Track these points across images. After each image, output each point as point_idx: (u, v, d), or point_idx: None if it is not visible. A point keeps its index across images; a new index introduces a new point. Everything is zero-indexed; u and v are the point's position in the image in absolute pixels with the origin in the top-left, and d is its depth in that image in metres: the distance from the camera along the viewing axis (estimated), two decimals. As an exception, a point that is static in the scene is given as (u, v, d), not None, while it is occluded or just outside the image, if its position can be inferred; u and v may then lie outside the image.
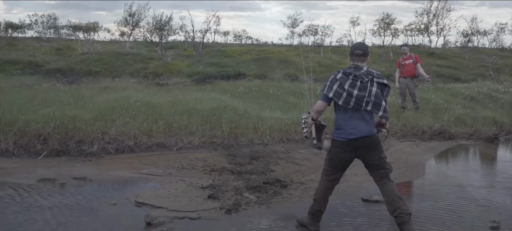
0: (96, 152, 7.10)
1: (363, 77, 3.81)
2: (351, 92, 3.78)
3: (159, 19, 32.82)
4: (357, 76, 3.80)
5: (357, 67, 3.87)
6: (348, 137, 3.84)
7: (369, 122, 3.90)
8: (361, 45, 4.00)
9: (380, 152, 3.93)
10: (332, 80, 3.85)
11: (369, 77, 3.83)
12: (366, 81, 3.81)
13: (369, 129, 3.87)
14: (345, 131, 3.86)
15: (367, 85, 3.80)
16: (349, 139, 3.84)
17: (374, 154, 3.89)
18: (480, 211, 4.78)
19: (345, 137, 3.85)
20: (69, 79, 20.76)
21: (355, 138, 3.83)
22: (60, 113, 8.51)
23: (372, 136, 3.88)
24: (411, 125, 9.45)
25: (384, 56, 36.08)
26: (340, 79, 3.82)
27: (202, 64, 27.75)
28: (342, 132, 3.88)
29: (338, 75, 3.85)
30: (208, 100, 11.52)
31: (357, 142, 3.84)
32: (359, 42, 4.06)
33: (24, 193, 5.24)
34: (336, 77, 3.85)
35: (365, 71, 3.85)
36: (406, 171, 6.52)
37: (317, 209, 4.10)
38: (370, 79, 3.83)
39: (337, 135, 3.92)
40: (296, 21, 52.34)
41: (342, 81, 3.81)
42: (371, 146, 3.88)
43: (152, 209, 4.75)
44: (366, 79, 3.81)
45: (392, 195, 3.86)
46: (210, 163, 6.67)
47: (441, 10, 40.81)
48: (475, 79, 23.01)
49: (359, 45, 3.99)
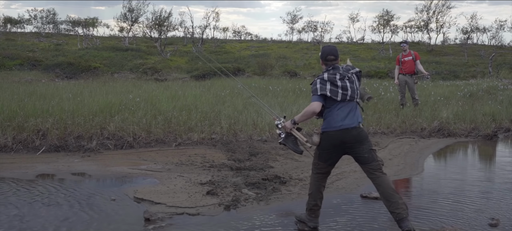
0: (95, 148, 7.10)
1: (346, 74, 3.99)
2: (345, 87, 3.94)
3: (159, 14, 32.77)
4: (341, 74, 3.98)
5: (336, 67, 4.04)
6: (340, 127, 3.92)
7: (356, 113, 4.02)
8: (333, 50, 4.10)
9: (370, 144, 4.00)
10: (321, 82, 3.97)
11: (351, 72, 4.04)
12: (350, 75, 4.01)
13: (357, 119, 3.99)
14: (336, 122, 3.94)
15: (353, 79, 4.02)
16: (340, 129, 3.91)
17: (363, 147, 3.95)
18: (479, 208, 4.79)
19: (337, 127, 3.92)
20: (68, 75, 20.71)
21: (346, 128, 3.91)
22: (59, 109, 8.50)
23: (360, 127, 3.99)
24: (410, 122, 9.45)
25: (383, 53, 36.09)
26: (329, 79, 3.95)
27: (201, 60, 27.71)
28: (332, 124, 3.95)
29: (325, 76, 3.99)
30: (207, 96, 11.51)
31: (348, 133, 3.91)
32: (329, 47, 4.17)
33: (22, 189, 5.24)
34: (324, 78, 3.97)
35: (345, 68, 4.07)
36: (405, 167, 6.52)
37: (313, 204, 4.13)
38: (352, 73, 4.04)
39: (327, 127, 3.98)
40: (295, 18, 52.43)
41: (332, 79, 3.95)
42: (360, 138, 3.95)
43: (151, 204, 4.75)
44: (349, 74, 4.00)
45: (387, 189, 3.88)
46: (209, 159, 6.67)
47: (441, 7, 40.87)
48: (474, 76, 23.01)
49: (331, 51, 4.09)
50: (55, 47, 31.54)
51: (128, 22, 36.07)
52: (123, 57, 26.37)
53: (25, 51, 26.86)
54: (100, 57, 25.94)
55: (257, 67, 24.20)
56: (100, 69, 22.23)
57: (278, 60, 28.34)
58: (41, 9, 48.45)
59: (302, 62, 28.95)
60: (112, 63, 24.18)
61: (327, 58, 4.06)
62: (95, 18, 48.55)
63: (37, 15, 49.71)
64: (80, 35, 42.06)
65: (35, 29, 50.01)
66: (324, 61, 4.08)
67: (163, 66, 23.87)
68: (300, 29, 53.79)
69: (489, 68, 24.02)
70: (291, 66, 25.89)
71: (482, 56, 33.55)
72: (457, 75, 23.82)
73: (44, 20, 50.03)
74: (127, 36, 38.10)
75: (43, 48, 30.63)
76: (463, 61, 30.90)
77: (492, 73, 22.93)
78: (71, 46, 33.92)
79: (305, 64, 27.84)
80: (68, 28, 50.64)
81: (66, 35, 47.07)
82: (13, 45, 30.52)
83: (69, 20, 49.23)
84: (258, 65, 24.55)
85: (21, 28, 50.48)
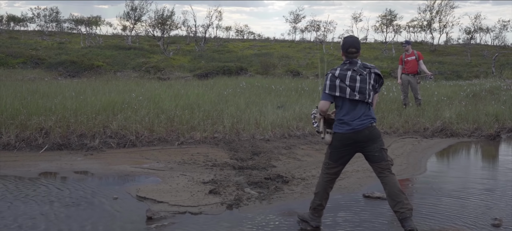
0: (97, 146, 7.11)
1: (361, 71, 3.88)
2: (354, 86, 3.84)
3: (161, 13, 32.82)
4: (355, 71, 3.87)
5: (353, 62, 3.92)
6: (351, 129, 3.86)
7: (370, 113, 3.94)
8: (355, 43, 3.95)
9: (381, 143, 3.95)
10: (331, 79, 3.89)
11: (367, 70, 3.91)
12: (365, 74, 3.89)
13: (370, 120, 3.91)
14: (348, 123, 3.88)
15: (367, 78, 3.88)
16: (352, 130, 3.86)
17: (375, 146, 3.91)
18: (482, 208, 4.77)
19: (349, 129, 3.87)
20: (70, 73, 20.75)
21: (358, 129, 3.86)
22: (61, 107, 8.51)
23: (373, 127, 3.92)
24: (413, 121, 9.44)
25: (386, 52, 36.03)
26: (339, 76, 3.87)
27: (204, 59, 27.74)
28: (345, 125, 3.90)
29: (336, 72, 3.89)
30: (209, 95, 11.51)
31: (360, 134, 3.87)
32: (351, 38, 4.00)
33: (25, 187, 5.25)
34: (335, 74, 3.89)
35: (361, 65, 3.93)
36: (407, 167, 6.51)
37: (318, 203, 4.11)
38: (368, 72, 3.91)
39: (339, 128, 3.93)
40: (298, 17, 52.41)
41: (342, 77, 3.86)
42: (372, 137, 3.90)
43: (153, 203, 4.75)
44: (365, 72, 3.89)
45: (393, 188, 3.86)
46: (212, 158, 6.67)
47: (444, 7, 40.78)
48: (477, 76, 22.96)
49: (353, 43, 3.94)
50: (58, 46, 31.63)
51: (131, 21, 36.15)
52: (125, 56, 26.41)
53: (28, 50, 26.94)
54: (103, 55, 25.99)
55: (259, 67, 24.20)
56: (102, 67, 22.28)
57: (280, 60, 28.35)
58: (44, 8, 48.60)
59: (305, 61, 28.95)
60: (115, 62, 24.23)
61: (348, 50, 3.91)
62: (98, 16, 48.72)
63: (40, 14, 49.85)
64: (83, 33, 42.14)
65: (38, 28, 50.15)
66: (345, 53, 3.94)
67: (166, 65, 23.90)
68: (303, 28, 53.83)
69: (492, 68, 23.97)
70: (293, 66, 25.90)
71: (485, 56, 33.47)
72: (460, 75, 23.78)
73: (47, 19, 50.17)
74: (130, 35, 38.17)
75: (46, 46, 30.72)
76: (466, 61, 30.83)
77: (495, 73, 22.88)
78: (74, 44, 34.00)
79: (308, 64, 27.84)
80: (71, 26, 50.76)
81: (69, 33, 47.18)
82: (16, 44, 30.61)
83: (72, 18, 49.36)
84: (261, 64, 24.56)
85: (24, 26, 50.65)
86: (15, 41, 33.00)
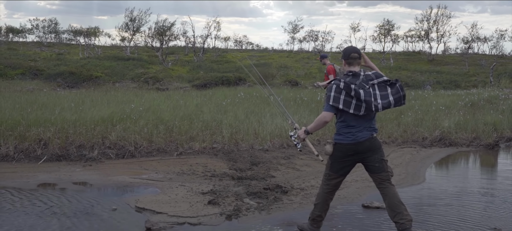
0: (96, 157, 7.10)
1: (364, 85, 3.77)
2: (360, 100, 3.75)
3: (161, 24, 32.94)
4: (358, 85, 3.77)
5: (356, 75, 3.82)
6: (353, 140, 3.84)
7: (372, 124, 3.92)
8: (356, 48, 3.97)
9: (382, 154, 3.94)
10: (336, 90, 3.79)
11: (370, 83, 3.80)
12: (368, 87, 3.78)
13: (371, 131, 3.90)
14: (349, 134, 3.85)
15: (371, 91, 3.77)
16: (354, 141, 3.84)
17: (376, 156, 3.90)
18: (481, 218, 4.77)
19: (350, 140, 3.85)
20: (69, 84, 20.77)
21: (360, 141, 3.84)
22: (60, 118, 8.51)
23: (374, 138, 3.91)
24: (411, 131, 9.45)
25: (384, 62, 36.14)
26: (344, 89, 3.77)
27: (203, 69, 27.79)
28: (347, 136, 3.86)
29: (341, 84, 3.79)
30: (208, 106, 11.52)
31: (361, 145, 3.85)
32: (351, 47, 4.02)
33: (24, 198, 5.23)
34: (340, 86, 3.79)
35: (364, 78, 3.81)
36: (406, 177, 6.51)
37: (317, 214, 4.09)
38: (371, 85, 3.80)
39: (341, 139, 3.90)
40: (297, 27, 52.60)
41: (347, 90, 3.77)
42: (373, 148, 3.89)
43: (152, 214, 4.74)
44: (367, 86, 3.78)
45: (393, 199, 3.86)
46: (211, 169, 6.66)
47: (441, 16, 40.98)
48: (475, 85, 23.03)
49: (355, 49, 3.95)
50: (57, 57, 31.68)
51: (130, 32, 36.26)
52: (124, 67, 26.46)
53: (27, 61, 26.97)
54: (102, 66, 26.03)
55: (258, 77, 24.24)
56: (101, 78, 22.30)
57: (279, 70, 28.40)
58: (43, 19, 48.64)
59: (303, 71, 29.02)
60: (114, 73, 24.26)
61: (350, 56, 3.86)
62: (96, 27, 48.75)
63: (39, 25, 49.97)
64: (82, 44, 42.21)
65: (37, 39, 50.24)
66: (348, 60, 3.87)
67: (165, 76, 23.94)
68: (301, 38, 53.99)
69: (490, 77, 24.05)
70: (292, 76, 25.95)
71: (483, 66, 33.58)
72: (458, 85, 23.85)
73: (46, 30, 50.27)
74: (128, 45, 38.26)
75: (45, 57, 30.77)
76: (464, 70, 30.93)
77: (493, 82, 22.95)
78: (73, 55, 34.05)
79: (306, 74, 27.91)
80: (70, 37, 50.83)
81: (68, 44, 47.26)
82: (15, 55, 30.65)
83: (71, 29, 49.42)
84: (259, 74, 24.58)
85: (23, 37, 50.71)
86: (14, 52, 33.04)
